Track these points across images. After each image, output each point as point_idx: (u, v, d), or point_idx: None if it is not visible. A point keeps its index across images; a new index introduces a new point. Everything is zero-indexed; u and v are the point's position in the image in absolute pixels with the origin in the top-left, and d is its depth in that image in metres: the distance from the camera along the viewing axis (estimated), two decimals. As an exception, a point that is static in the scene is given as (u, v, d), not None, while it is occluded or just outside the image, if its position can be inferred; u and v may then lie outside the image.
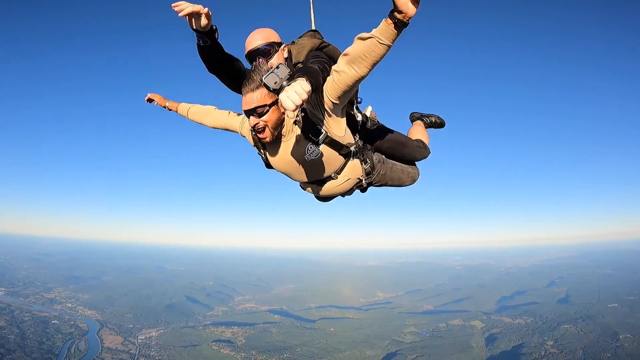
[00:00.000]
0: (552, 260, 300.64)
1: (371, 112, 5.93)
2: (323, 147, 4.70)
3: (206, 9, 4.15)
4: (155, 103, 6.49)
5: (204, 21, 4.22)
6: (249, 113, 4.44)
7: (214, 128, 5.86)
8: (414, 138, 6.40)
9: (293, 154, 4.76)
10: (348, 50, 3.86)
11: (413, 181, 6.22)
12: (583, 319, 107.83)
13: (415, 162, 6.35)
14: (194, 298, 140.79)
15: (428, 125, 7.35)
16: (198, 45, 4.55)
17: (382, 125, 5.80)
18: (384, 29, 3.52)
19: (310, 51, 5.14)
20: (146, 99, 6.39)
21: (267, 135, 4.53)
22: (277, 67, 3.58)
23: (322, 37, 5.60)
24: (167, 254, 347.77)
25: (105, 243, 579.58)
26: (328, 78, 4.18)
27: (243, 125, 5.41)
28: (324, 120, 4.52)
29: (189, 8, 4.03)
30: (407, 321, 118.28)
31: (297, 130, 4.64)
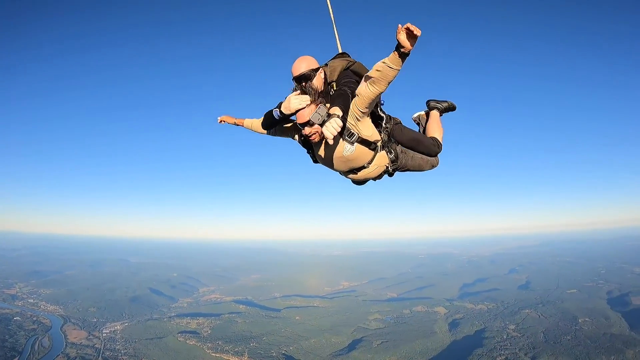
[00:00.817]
0: (513, 249, 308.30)
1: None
2: (356, 145, 6.10)
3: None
4: (225, 122, 7.95)
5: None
6: (302, 126, 5.69)
7: (274, 136, 7.20)
8: (429, 135, 7.80)
9: (334, 152, 6.14)
10: (369, 73, 5.40)
11: (432, 167, 7.58)
12: (543, 304, 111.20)
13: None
14: (159, 290, 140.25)
15: (443, 111, 8.64)
16: (271, 116, 6.30)
17: (401, 124, 7.10)
18: (392, 58, 5.05)
19: (341, 71, 6.50)
20: (219, 120, 7.85)
21: (317, 139, 5.69)
22: (319, 108, 5.30)
23: (349, 56, 6.91)
24: (131, 247, 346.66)
25: (69, 237, 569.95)
26: (356, 93, 5.69)
27: (293, 132, 6.80)
28: (356, 125, 5.93)
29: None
30: (372, 308, 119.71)
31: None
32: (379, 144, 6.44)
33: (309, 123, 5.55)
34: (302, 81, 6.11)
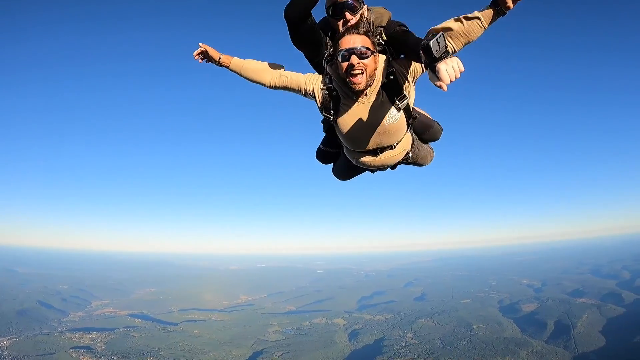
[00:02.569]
0: (408, 264, 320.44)
1: None
2: (402, 114, 4.89)
3: None
4: (207, 60, 5.37)
5: None
6: (349, 52, 4.39)
7: (273, 88, 5.23)
8: (428, 117, 6.30)
9: (373, 116, 4.79)
10: (449, 25, 4.21)
11: (430, 161, 6.55)
12: (439, 313, 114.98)
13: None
14: (48, 303, 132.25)
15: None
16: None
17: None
18: (488, 14, 4.10)
19: (390, 20, 5.24)
20: (198, 52, 5.29)
21: (361, 81, 4.47)
22: (440, 36, 3.59)
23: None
24: (18, 256, 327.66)
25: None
26: None
27: (309, 82, 5.03)
28: (409, 88, 4.75)
29: None
30: (271, 321, 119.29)
31: (381, 92, 4.73)
32: (416, 119, 5.34)
33: (357, 51, 4.37)
34: (342, 10, 4.79)
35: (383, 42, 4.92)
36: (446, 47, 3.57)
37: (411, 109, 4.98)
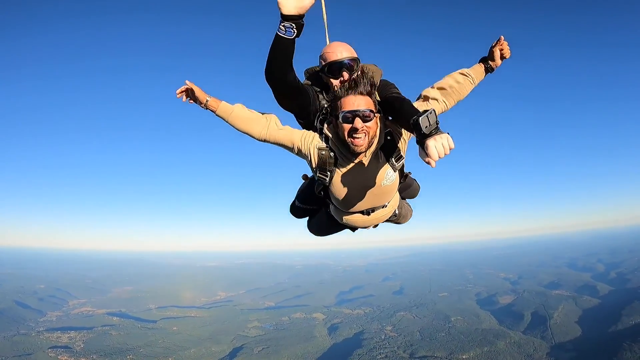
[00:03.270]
0: (386, 259, 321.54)
1: None
2: (397, 174, 4.68)
3: None
4: (190, 100, 4.56)
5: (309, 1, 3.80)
6: (353, 115, 4.05)
7: (262, 141, 4.66)
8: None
9: (371, 177, 4.54)
10: (443, 85, 4.46)
11: (409, 219, 6.26)
12: (417, 306, 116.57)
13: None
14: (25, 303, 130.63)
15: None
16: (280, 40, 3.89)
17: None
18: (478, 72, 4.34)
19: (381, 79, 4.97)
20: (182, 89, 4.47)
21: (363, 144, 4.15)
22: (431, 112, 3.42)
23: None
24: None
25: None
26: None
27: (305, 140, 4.58)
28: (403, 146, 4.54)
29: None
30: (250, 317, 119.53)
31: (379, 153, 4.49)
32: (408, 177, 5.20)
33: (360, 114, 4.04)
34: (339, 70, 4.57)
35: (377, 102, 4.53)
36: (437, 124, 3.42)
37: (403, 168, 4.81)
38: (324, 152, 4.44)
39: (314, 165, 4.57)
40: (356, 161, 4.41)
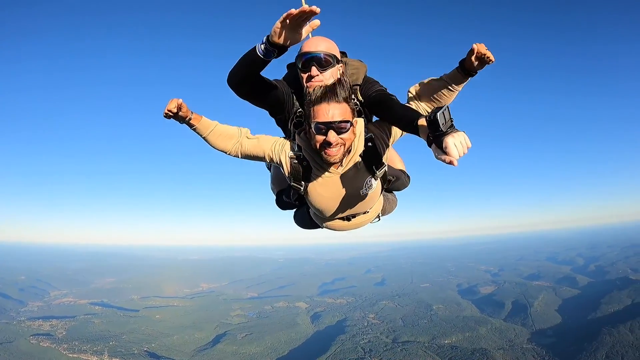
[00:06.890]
0: (368, 253, 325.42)
1: None
2: (379, 181, 4.44)
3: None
4: (170, 116, 4.08)
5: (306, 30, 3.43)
6: (327, 126, 3.75)
7: (235, 156, 4.43)
8: (397, 167, 5.31)
9: (348, 186, 4.28)
10: (420, 86, 4.21)
11: (393, 211, 5.83)
12: (399, 296, 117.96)
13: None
14: (5, 294, 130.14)
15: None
16: (255, 57, 3.61)
17: None
18: (457, 78, 3.94)
19: (366, 76, 4.58)
20: (173, 107, 3.95)
21: (337, 155, 3.87)
22: (446, 109, 3.00)
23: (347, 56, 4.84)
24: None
25: None
26: None
27: (275, 148, 4.30)
28: (386, 153, 4.31)
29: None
30: (233, 306, 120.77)
31: (358, 161, 4.21)
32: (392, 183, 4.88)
33: (335, 126, 3.73)
34: (310, 63, 4.13)
35: (359, 103, 4.36)
36: (452, 121, 3.02)
37: (387, 173, 4.57)
38: (296, 161, 4.21)
39: (287, 175, 4.34)
40: (332, 170, 4.18)
